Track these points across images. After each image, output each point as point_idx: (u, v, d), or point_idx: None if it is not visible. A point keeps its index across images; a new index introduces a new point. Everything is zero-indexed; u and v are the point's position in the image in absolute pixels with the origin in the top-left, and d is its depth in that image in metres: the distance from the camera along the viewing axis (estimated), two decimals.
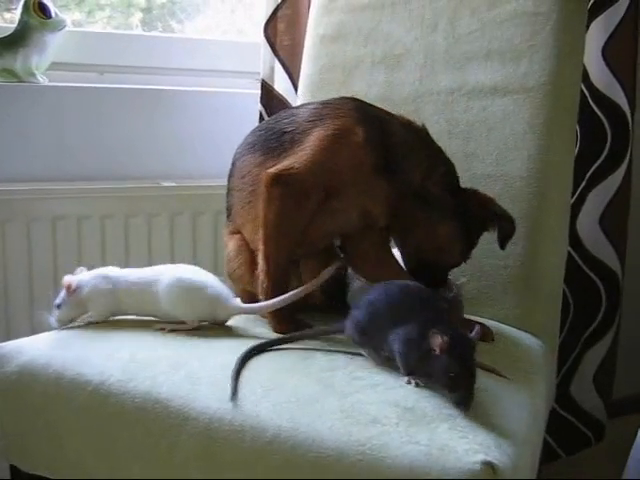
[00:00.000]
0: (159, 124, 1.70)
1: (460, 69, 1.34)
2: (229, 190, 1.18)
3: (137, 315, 1.08)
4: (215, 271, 1.56)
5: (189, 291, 1.04)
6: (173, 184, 1.64)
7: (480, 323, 1.07)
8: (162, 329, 1.03)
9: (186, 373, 0.89)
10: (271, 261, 1.06)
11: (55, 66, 1.64)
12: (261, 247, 1.07)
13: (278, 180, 1.03)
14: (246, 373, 0.88)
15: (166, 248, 1.62)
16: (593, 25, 1.60)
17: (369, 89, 1.21)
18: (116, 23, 1.92)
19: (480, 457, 0.68)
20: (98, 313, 1.07)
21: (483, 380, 0.84)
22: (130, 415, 0.87)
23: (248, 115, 1.70)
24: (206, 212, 1.65)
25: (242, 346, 0.93)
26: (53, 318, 1.05)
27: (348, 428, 0.75)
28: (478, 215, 1.08)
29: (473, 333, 0.83)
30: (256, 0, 1.94)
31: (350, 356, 0.92)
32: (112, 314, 1.09)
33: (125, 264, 1.53)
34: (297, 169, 1.02)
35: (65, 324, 1.06)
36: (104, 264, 1.51)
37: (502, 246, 1.10)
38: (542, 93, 1.26)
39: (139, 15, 1.96)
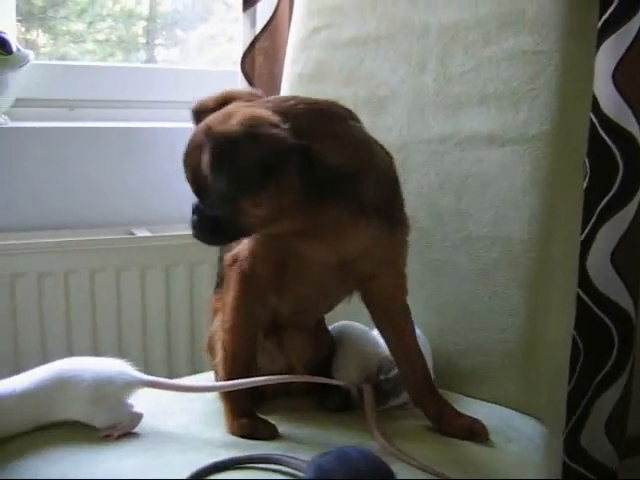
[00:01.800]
0: (133, 165, 1.62)
1: (452, 115, 1.20)
2: (220, 256, 1.07)
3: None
4: (192, 329, 1.46)
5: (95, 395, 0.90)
6: (147, 233, 1.53)
7: (473, 419, 0.96)
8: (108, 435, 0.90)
9: None
10: (228, 351, 0.95)
11: (20, 102, 1.58)
12: (220, 334, 0.94)
13: (234, 262, 0.94)
14: None
15: (137, 305, 1.50)
16: (602, 47, 1.51)
17: None
18: (118, 34, 1.91)
19: None
20: None
21: None
22: None
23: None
24: (181, 264, 1.52)
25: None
26: None
27: None
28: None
29: None
30: None
31: None
32: None
33: (92, 324, 1.43)
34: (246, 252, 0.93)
35: None
36: (69, 325, 1.42)
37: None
38: (544, 143, 1.12)
39: (142, 24, 1.96)
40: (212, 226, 0.86)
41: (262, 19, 1.54)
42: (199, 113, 0.89)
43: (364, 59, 1.30)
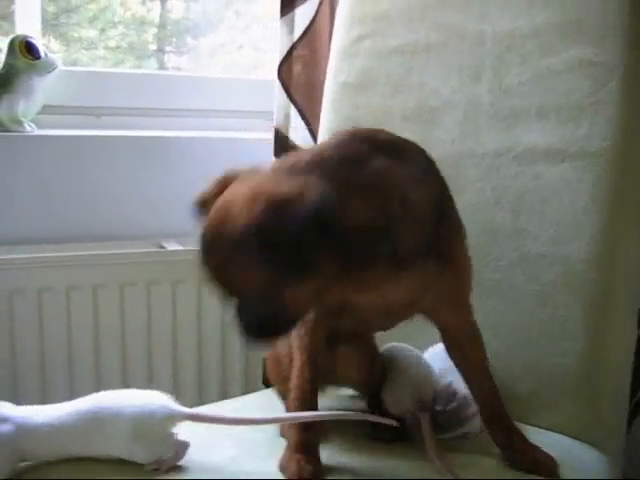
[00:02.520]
0: (162, 176, 1.57)
1: (508, 128, 1.15)
2: None
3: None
4: (223, 346, 1.40)
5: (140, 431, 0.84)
6: (178, 247, 1.47)
7: (545, 453, 0.92)
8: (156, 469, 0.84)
9: None
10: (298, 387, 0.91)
11: (47, 109, 1.54)
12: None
13: None
14: None
15: (167, 321, 1.44)
16: None
17: None
18: (130, 40, 1.90)
19: None
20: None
21: None
22: None
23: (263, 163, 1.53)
24: None
25: None
26: None
27: None
28: None
29: None
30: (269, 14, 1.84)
31: None
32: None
33: (121, 339, 1.38)
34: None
35: None
36: (96, 342, 1.37)
37: None
38: (606, 159, 1.07)
39: (153, 31, 1.95)
40: (263, 325, 0.77)
41: (301, 25, 1.48)
42: (204, 203, 0.81)
43: (413, 68, 1.24)
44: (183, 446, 0.87)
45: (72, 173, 1.49)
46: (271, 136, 1.58)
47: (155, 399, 0.86)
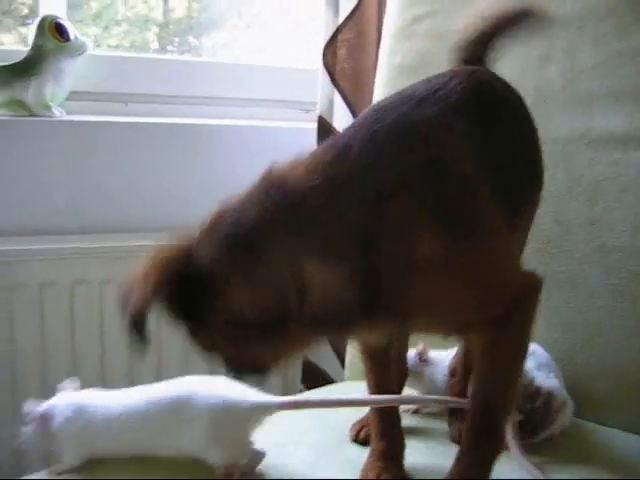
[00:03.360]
0: (189, 164, 1.54)
1: (582, 112, 1.11)
2: None
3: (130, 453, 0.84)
4: None
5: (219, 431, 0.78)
6: None
7: None
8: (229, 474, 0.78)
9: None
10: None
11: (74, 95, 1.50)
12: None
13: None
14: None
15: None
16: None
17: None
18: (132, 38, 1.89)
19: None
20: (69, 458, 0.82)
21: None
22: None
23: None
24: None
25: None
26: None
27: None
28: None
29: None
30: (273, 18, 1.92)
31: None
32: (87, 457, 0.83)
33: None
34: None
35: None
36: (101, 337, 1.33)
37: None
38: None
39: (155, 30, 1.94)
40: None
41: (346, 7, 1.45)
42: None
43: None
44: (259, 456, 0.81)
45: (101, 161, 1.46)
46: (307, 125, 1.55)
47: (241, 391, 0.80)
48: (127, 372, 1.36)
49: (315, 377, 1.38)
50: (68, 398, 0.85)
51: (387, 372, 0.87)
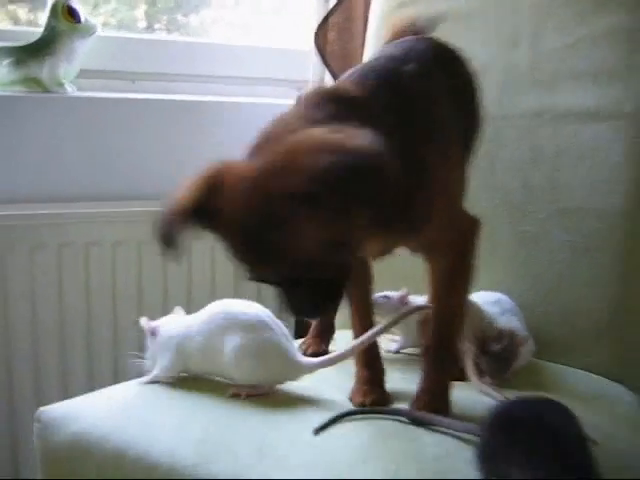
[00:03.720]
0: (192, 138, 1.62)
1: (546, 90, 1.23)
2: None
3: (204, 374, 0.98)
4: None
5: (261, 355, 0.92)
6: None
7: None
8: (237, 394, 0.91)
9: (275, 458, 0.76)
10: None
11: (84, 74, 1.57)
12: None
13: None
14: (352, 459, 0.76)
15: (207, 280, 1.54)
16: None
17: None
18: (120, 16, 1.88)
19: None
20: (161, 370, 0.96)
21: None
22: None
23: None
24: None
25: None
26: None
27: None
28: None
29: None
30: None
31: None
32: (178, 372, 0.98)
33: (137, 294, 1.47)
34: None
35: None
36: (141, 293, 1.44)
37: None
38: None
39: (144, 7, 1.92)
40: (319, 290, 0.74)
41: None
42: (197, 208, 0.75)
43: (454, 34, 1.28)
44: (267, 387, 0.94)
45: (111, 134, 1.55)
46: (293, 101, 1.64)
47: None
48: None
49: (306, 330, 1.50)
50: (173, 320, 0.99)
51: (369, 311, 1.01)
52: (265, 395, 0.92)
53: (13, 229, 1.38)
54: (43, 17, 1.50)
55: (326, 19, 1.55)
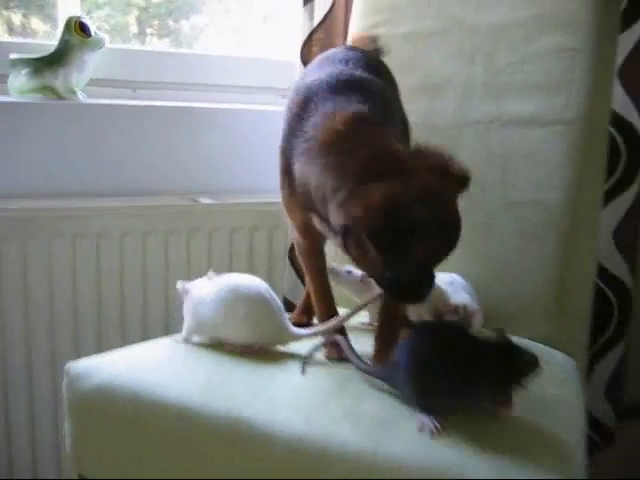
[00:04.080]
0: (190, 141, 1.75)
1: (498, 100, 1.39)
2: None
3: (212, 339, 1.13)
4: None
5: (258, 321, 1.08)
6: (211, 201, 1.69)
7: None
8: (232, 350, 1.08)
9: (265, 397, 0.94)
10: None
11: (93, 82, 1.69)
12: None
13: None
14: (323, 396, 0.95)
15: (204, 263, 1.67)
16: None
17: (409, 116, 1.28)
18: (113, 22, 1.95)
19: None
20: (184, 330, 1.13)
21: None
22: (212, 437, 0.93)
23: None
24: (242, 228, 1.71)
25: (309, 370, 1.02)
26: None
27: (425, 449, 0.82)
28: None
29: None
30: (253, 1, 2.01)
31: None
32: (193, 335, 1.14)
33: (164, 280, 1.61)
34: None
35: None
36: (145, 279, 1.60)
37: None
38: (579, 125, 1.32)
39: (136, 13, 1.99)
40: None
41: (319, 13, 1.70)
42: None
43: (419, 52, 1.48)
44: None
45: (119, 137, 1.67)
46: (279, 108, 1.73)
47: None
48: (165, 309, 1.63)
49: (292, 307, 1.69)
50: (201, 284, 1.13)
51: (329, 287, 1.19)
52: (258, 353, 1.09)
53: (30, 220, 1.49)
54: (35, 22, 1.64)
55: (310, 35, 1.70)
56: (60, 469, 1.56)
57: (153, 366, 1.06)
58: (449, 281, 1.29)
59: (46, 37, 1.82)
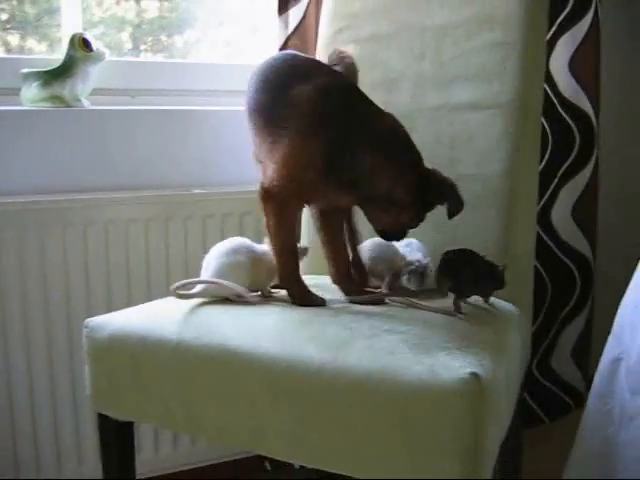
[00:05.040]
0: (182, 139, 1.91)
1: (445, 89, 1.56)
2: None
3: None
4: None
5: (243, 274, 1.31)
6: (204, 191, 1.89)
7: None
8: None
9: (249, 330, 1.16)
10: (278, 255, 1.32)
11: (95, 91, 1.83)
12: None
13: (265, 196, 1.29)
14: (295, 326, 1.17)
15: (199, 247, 1.84)
16: (560, 42, 1.88)
17: None
18: (108, 39, 2.03)
19: (468, 370, 0.97)
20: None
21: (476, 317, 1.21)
22: (206, 363, 1.14)
23: None
24: (233, 214, 1.91)
25: (287, 312, 1.25)
26: None
27: (373, 358, 1.04)
28: (436, 191, 1.27)
29: None
30: (242, 15, 2.14)
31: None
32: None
33: (165, 259, 1.82)
34: (276, 185, 1.26)
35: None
36: (148, 259, 1.82)
37: (450, 216, 1.28)
38: (512, 108, 1.51)
39: (129, 30, 2.07)
40: None
41: (293, 22, 1.90)
42: None
43: (378, 51, 1.66)
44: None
45: (120, 138, 1.82)
46: None
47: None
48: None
49: None
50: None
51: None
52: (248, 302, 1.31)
53: (45, 212, 1.65)
54: (30, 42, 1.79)
55: (286, 41, 1.88)
56: (78, 412, 1.76)
57: (155, 315, 1.27)
58: (406, 244, 1.49)
59: (46, 54, 1.96)
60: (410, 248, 1.48)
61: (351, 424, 1.02)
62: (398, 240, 1.35)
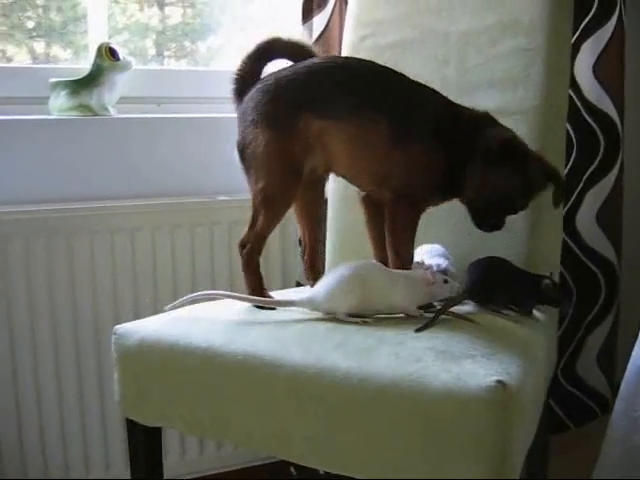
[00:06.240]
0: (210, 147, 1.92)
1: (469, 96, 1.52)
2: None
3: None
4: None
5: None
6: (228, 198, 1.91)
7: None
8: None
9: (276, 337, 1.18)
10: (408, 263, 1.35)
11: (122, 100, 1.86)
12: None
13: (397, 202, 1.37)
14: (320, 335, 1.18)
15: (225, 251, 1.90)
16: (584, 46, 1.85)
17: None
18: (133, 46, 2.07)
19: (494, 378, 0.98)
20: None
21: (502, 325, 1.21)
22: (233, 370, 1.16)
23: None
24: None
25: (312, 320, 1.26)
26: None
27: (399, 365, 1.04)
28: (537, 174, 1.29)
29: None
30: (266, 21, 2.14)
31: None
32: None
33: (191, 265, 1.84)
34: (410, 191, 1.36)
35: None
36: (174, 264, 1.83)
37: (555, 204, 1.32)
38: (536, 114, 1.51)
39: (153, 37, 2.10)
40: None
41: (317, 29, 1.91)
42: None
43: (402, 58, 1.67)
44: None
45: (145, 146, 1.85)
46: None
47: None
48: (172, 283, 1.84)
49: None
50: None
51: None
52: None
53: (73, 219, 1.69)
54: (55, 49, 1.84)
55: None
56: (105, 417, 1.79)
57: (183, 322, 1.29)
58: (429, 249, 1.49)
59: (70, 62, 1.99)
60: (431, 254, 1.47)
61: (376, 431, 1.03)
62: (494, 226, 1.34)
